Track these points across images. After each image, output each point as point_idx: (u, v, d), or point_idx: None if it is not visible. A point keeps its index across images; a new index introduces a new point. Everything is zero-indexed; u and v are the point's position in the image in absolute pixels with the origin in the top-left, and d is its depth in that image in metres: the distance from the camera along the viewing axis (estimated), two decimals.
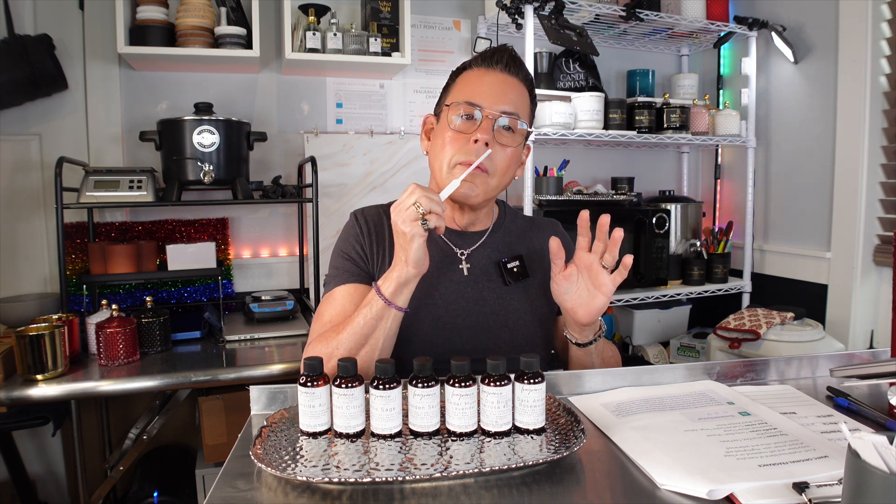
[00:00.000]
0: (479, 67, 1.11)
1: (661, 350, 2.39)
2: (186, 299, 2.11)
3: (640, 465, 0.75)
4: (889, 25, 1.97)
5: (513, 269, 1.16)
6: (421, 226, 0.94)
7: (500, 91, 1.09)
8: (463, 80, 1.12)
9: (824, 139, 2.16)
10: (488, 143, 1.05)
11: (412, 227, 0.94)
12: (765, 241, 2.44)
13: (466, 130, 1.07)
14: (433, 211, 0.94)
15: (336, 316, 1.08)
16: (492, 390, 0.79)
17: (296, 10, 2.06)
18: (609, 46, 2.56)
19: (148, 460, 2.04)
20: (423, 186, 0.96)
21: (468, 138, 1.06)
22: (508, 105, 1.08)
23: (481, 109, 1.07)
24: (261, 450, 0.76)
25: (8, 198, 1.98)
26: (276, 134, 2.21)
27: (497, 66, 1.10)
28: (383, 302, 0.99)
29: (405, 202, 0.95)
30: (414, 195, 0.94)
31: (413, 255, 0.96)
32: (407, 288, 1.00)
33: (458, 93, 1.11)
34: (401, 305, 1.00)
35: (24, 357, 1.47)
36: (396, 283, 0.99)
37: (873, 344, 2.05)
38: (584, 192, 2.29)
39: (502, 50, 1.11)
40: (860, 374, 0.88)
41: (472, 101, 1.07)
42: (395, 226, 0.96)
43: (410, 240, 0.95)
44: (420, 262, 0.97)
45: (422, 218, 0.93)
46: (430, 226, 0.94)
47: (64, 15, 1.98)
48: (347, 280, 1.12)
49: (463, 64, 1.15)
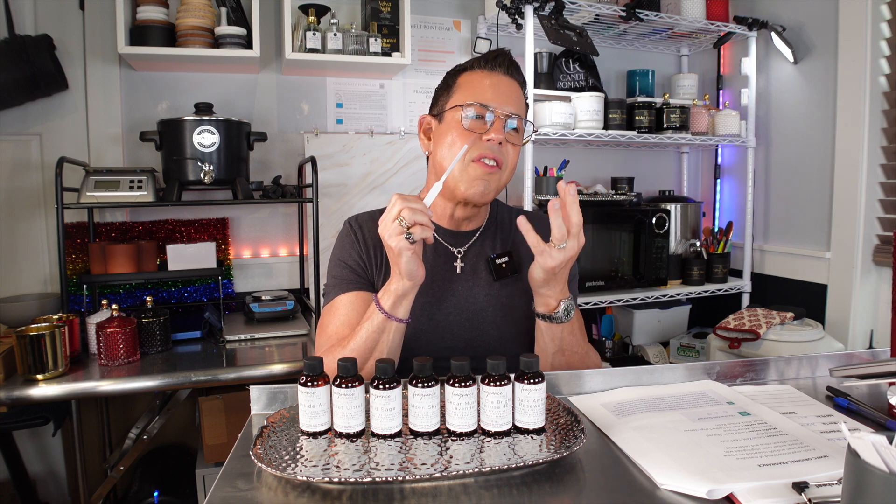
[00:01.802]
0: (481, 70, 1.13)
1: (661, 350, 2.39)
2: (186, 299, 2.11)
3: (640, 465, 0.75)
4: (889, 25, 1.97)
5: (501, 265, 1.17)
6: (406, 239, 0.94)
7: (506, 93, 1.11)
8: (467, 81, 1.13)
9: (824, 139, 2.16)
10: (501, 142, 1.08)
11: (398, 241, 0.94)
12: (765, 241, 2.44)
13: (478, 130, 1.09)
14: (417, 222, 0.93)
15: (340, 327, 1.09)
16: (492, 390, 0.79)
17: (296, 10, 2.06)
18: (609, 46, 2.56)
19: (148, 460, 2.04)
20: (406, 196, 0.95)
21: (480, 137, 1.08)
22: (514, 107, 1.11)
23: (493, 111, 1.09)
24: (261, 450, 0.76)
25: (8, 198, 1.98)
26: (276, 134, 2.21)
27: (499, 68, 1.12)
28: (384, 315, 1.00)
29: (388, 216, 0.95)
30: (396, 207, 0.94)
31: (405, 268, 0.96)
32: (406, 299, 1.01)
33: (464, 94, 1.11)
34: (401, 317, 1.01)
35: (25, 357, 1.47)
36: (395, 296, 0.99)
37: (873, 344, 2.05)
38: (584, 192, 2.29)
39: (503, 53, 1.14)
40: (860, 374, 0.88)
41: (483, 102, 1.09)
42: (383, 240, 0.97)
43: (399, 254, 0.95)
44: (413, 273, 0.98)
45: (406, 231, 0.93)
46: (414, 238, 0.94)
47: (64, 15, 1.98)
48: (347, 288, 1.13)
49: (461, 65, 1.16)
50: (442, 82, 1.18)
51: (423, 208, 0.95)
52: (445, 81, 1.17)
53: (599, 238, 2.21)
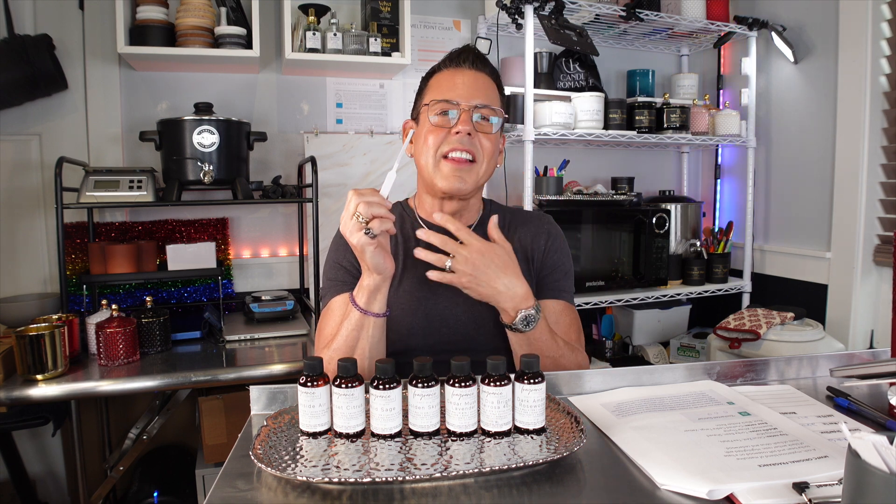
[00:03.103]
0: (447, 69, 1.16)
1: (661, 350, 2.39)
2: (186, 299, 2.11)
3: (640, 465, 0.75)
4: (889, 25, 1.97)
5: None
6: (366, 235, 0.94)
7: (472, 86, 1.13)
8: (435, 82, 1.16)
9: (824, 139, 2.16)
10: (470, 133, 1.09)
11: (358, 237, 0.95)
12: (765, 241, 2.44)
13: (445, 125, 1.11)
14: (375, 215, 0.94)
15: (334, 328, 1.10)
16: (492, 390, 0.79)
17: (296, 10, 2.06)
18: (609, 46, 2.56)
19: (148, 460, 2.04)
20: (362, 191, 0.95)
21: (448, 131, 1.10)
22: (481, 98, 1.12)
23: (457, 105, 1.11)
24: (261, 450, 0.76)
25: (8, 198, 1.98)
26: (276, 134, 2.21)
27: (465, 64, 1.15)
28: (360, 312, 1.02)
29: (346, 213, 0.96)
30: (352, 203, 0.95)
31: (371, 262, 0.97)
32: (380, 293, 1.02)
33: (432, 94, 1.15)
34: (377, 312, 1.02)
35: (24, 357, 1.47)
36: (367, 291, 1.01)
37: (873, 344, 2.05)
38: (584, 192, 2.29)
39: (467, 50, 1.17)
40: (860, 374, 0.88)
41: (448, 98, 1.11)
42: (346, 237, 0.97)
43: (362, 250, 0.96)
44: (380, 266, 0.98)
45: (365, 226, 0.94)
46: (374, 232, 0.94)
47: (64, 15, 1.98)
48: (341, 290, 1.14)
49: (432, 68, 1.19)
50: (419, 86, 1.21)
51: (380, 200, 0.95)
52: (420, 85, 1.21)
53: (599, 238, 2.21)
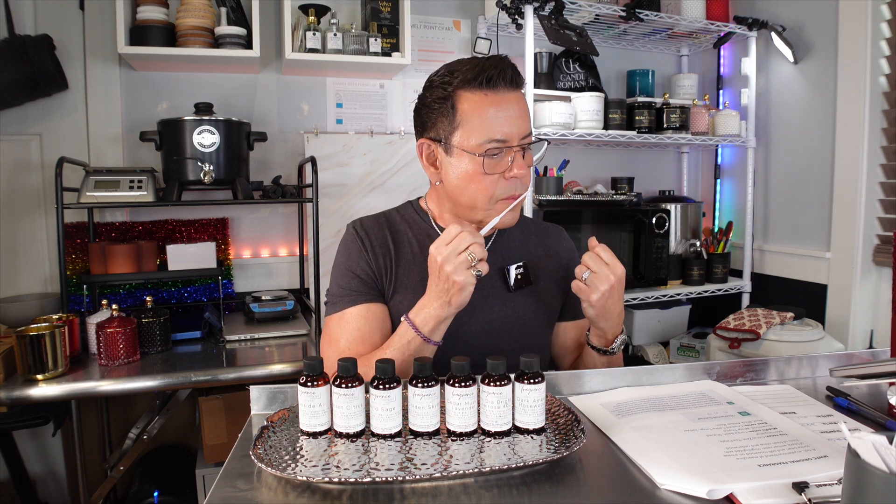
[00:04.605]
0: (482, 91, 1.02)
1: (661, 350, 2.39)
2: (186, 299, 2.11)
3: (640, 465, 0.75)
4: (889, 25, 1.97)
5: (517, 276, 1.16)
6: (474, 275, 0.94)
7: (518, 116, 1.03)
8: (472, 110, 1.02)
9: (824, 139, 2.16)
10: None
11: (466, 276, 0.94)
12: (765, 241, 2.44)
13: (500, 169, 1.03)
14: (482, 258, 0.95)
15: (355, 343, 1.07)
16: (492, 390, 0.79)
17: (296, 10, 2.06)
18: (609, 46, 2.56)
19: (148, 460, 2.04)
20: (471, 230, 0.95)
21: (503, 175, 1.04)
22: (526, 126, 1.05)
23: (509, 145, 1.02)
24: (261, 450, 0.76)
25: (8, 198, 1.98)
26: (276, 134, 2.21)
27: (501, 83, 1.02)
28: (422, 339, 1.00)
29: (456, 248, 0.94)
30: (465, 241, 0.94)
31: (463, 299, 0.97)
32: (445, 324, 1.01)
33: (472, 128, 1.02)
34: (438, 340, 1.02)
35: (25, 357, 1.47)
36: (436, 321, 0.99)
37: (873, 344, 2.05)
38: (584, 192, 2.29)
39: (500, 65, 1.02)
40: (860, 374, 0.88)
41: (500, 137, 1.02)
42: (442, 270, 0.95)
43: (463, 287, 0.95)
44: (465, 303, 0.98)
45: (475, 267, 0.94)
46: (482, 274, 0.95)
47: (64, 15, 1.98)
48: (358, 301, 1.10)
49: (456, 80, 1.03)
50: (436, 97, 1.05)
51: (482, 241, 0.96)
52: (441, 98, 1.04)
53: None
